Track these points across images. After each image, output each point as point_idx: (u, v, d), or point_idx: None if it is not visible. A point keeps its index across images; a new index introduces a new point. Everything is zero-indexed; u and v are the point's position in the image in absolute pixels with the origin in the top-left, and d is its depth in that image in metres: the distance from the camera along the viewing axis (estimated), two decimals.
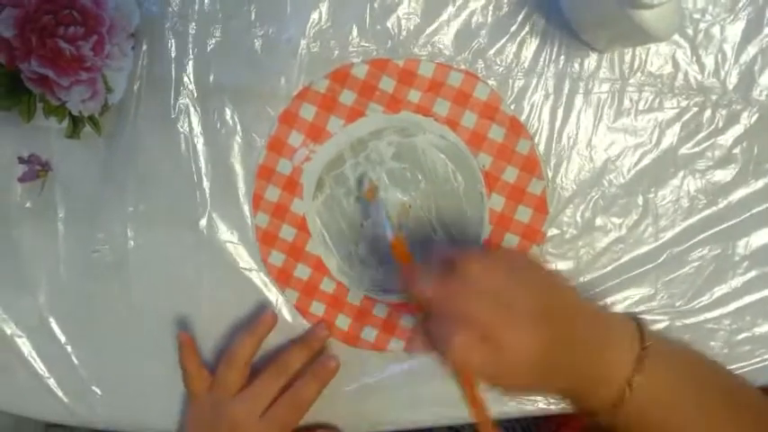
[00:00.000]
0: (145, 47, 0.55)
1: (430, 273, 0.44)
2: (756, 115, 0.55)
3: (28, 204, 0.57)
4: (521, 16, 0.54)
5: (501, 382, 0.43)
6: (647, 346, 0.45)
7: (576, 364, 0.44)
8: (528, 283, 0.43)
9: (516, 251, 0.54)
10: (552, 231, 0.56)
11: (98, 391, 0.58)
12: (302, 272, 0.57)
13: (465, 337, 0.41)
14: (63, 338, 0.58)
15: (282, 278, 0.57)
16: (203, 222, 0.56)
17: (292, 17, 0.54)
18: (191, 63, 0.55)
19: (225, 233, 0.57)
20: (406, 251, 0.52)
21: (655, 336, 0.46)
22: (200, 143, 0.56)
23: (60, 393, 0.58)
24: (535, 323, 0.42)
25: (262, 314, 0.56)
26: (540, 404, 0.57)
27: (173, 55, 0.55)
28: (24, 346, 0.57)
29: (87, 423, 0.58)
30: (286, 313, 0.57)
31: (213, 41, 0.55)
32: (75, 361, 0.58)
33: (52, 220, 0.57)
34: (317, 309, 0.57)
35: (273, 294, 0.57)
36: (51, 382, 0.58)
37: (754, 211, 0.55)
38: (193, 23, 0.55)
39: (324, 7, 0.54)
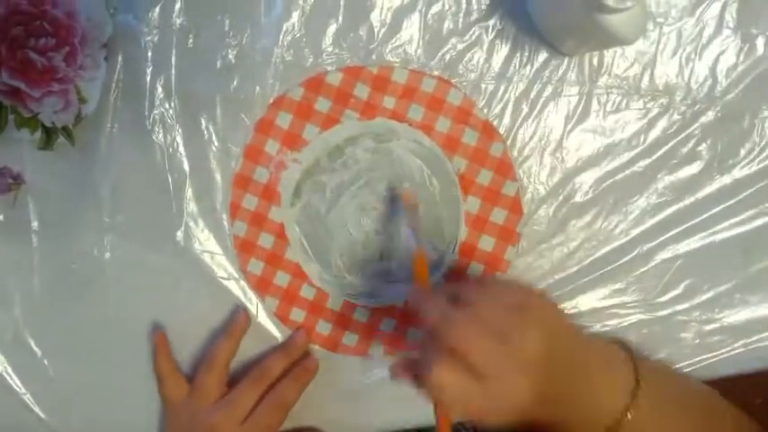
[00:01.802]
0: (120, 57, 0.54)
1: (437, 299, 0.44)
2: (720, 114, 0.57)
3: (0, 218, 0.56)
4: (490, 22, 0.55)
5: (484, 418, 0.42)
6: (641, 374, 0.46)
7: (569, 399, 0.44)
8: (533, 325, 0.42)
9: (525, 286, 0.49)
10: (526, 231, 0.57)
11: (75, 406, 0.57)
12: (281, 279, 0.57)
13: (446, 365, 0.40)
14: (39, 353, 0.57)
15: (262, 286, 0.57)
16: (180, 233, 0.56)
17: (266, 26, 0.55)
18: (166, 73, 0.55)
19: (202, 243, 0.56)
20: (425, 266, 0.51)
21: (643, 361, 0.47)
22: (175, 153, 0.56)
23: (37, 409, 0.57)
24: (533, 368, 0.41)
25: (235, 316, 0.56)
26: None
27: (148, 65, 0.55)
28: None
29: None
30: (266, 321, 0.57)
31: (188, 51, 0.55)
32: (52, 375, 0.57)
33: (26, 232, 0.56)
34: (297, 315, 0.57)
35: (253, 303, 0.57)
36: (27, 398, 0.57)
37: (720, 206, 0.57)
38: (168, 33, 0.54)
39: (296, 16, 0.55)
